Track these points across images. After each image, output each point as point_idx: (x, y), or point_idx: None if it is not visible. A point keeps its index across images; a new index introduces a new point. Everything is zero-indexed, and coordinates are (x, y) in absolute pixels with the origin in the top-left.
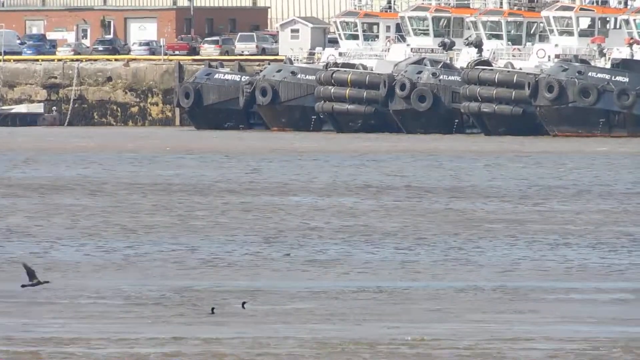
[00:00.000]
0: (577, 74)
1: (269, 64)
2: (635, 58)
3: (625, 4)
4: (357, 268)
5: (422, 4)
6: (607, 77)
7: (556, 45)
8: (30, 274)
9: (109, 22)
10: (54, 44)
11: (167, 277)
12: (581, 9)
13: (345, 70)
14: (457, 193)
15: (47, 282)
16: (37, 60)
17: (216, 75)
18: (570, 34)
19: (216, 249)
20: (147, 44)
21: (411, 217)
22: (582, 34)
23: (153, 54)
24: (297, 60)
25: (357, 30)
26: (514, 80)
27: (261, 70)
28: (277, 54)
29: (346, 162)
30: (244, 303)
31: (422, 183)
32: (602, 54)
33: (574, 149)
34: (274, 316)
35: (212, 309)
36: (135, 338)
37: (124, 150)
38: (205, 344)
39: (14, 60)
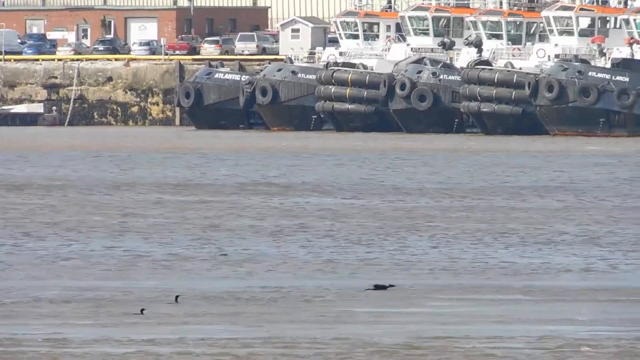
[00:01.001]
0: (577, 73)
1: (269, 63)
2: (635, 58)
3: (625, 3)
4: (272, 267)
5: (422, 3)
6: (607, 76)
7: (556, 45)
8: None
9: (109, 22)
10: (54, 44)
11: (92, 277)
12: (581, 9)
13: (345, 70)
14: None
15: (392, 285)
16: (37, 60)
17: (216, 75)
18: (570, 33)
19: (143, 247)
20: (148, 43)
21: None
22: (582, 33)
23: (153, 53)
24: (298, 59)
25: (357, 30)
26: (514, 80)
27: (261, 70)
28: (278, 54)
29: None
30: (177, 297)
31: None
32: (602, 53)
33: (563, 148)
34: (198, 317)
35: (142, 309)
36: (61, 339)
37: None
38: (135, 344)
39: (14, 60)
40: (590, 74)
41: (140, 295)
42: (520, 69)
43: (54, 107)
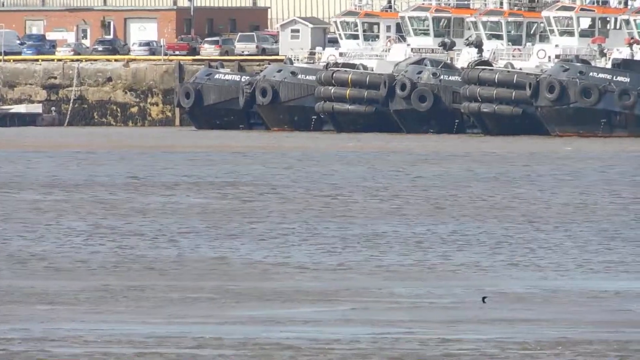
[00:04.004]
0: (578, 74)
1: (269, 64)
2: (635, 58)
3: (626, 4)
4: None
5: (423, 4)
6: (608, 77)
7: (556, 45)
8: None
9: (109, 23)
10: (53, 44)
11: None
12: (581, 9)
13: (345, 71)
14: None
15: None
16: (37, 60)
17: (216, 76)
18: (571, 34)
19: None
20: (147, 44)
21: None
22: (583, 34)
23: (153, 54)
24: (298, 60)
25: (357, 30)
26: (514, 81)
27: (261, 71)
28: (277, 54)
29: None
30: None
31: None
32: (602, 54)
33: (527, 149)
34: None
35: None
36: None
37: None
38: None
39: (14, 60)
40: (591, 74)
41: None
42: (521, 69)
43: (53, 108)
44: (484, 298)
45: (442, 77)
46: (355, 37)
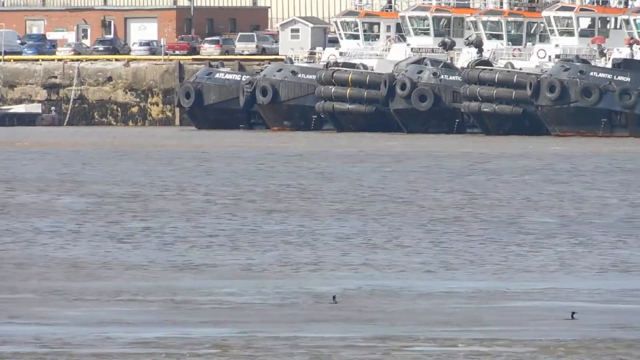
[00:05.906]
0: (579, 73)
1: (269, 63)
2: (636, 58)
3: (626, 4)
4: None
5: (423, 3)
6: (609, 77)
7: (556, 45)
8: None
9: (109, 22)
10: (54, 44)
11: None
12: (581, 9)
13: (345, 70)
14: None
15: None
16: (37, 60)
17: (217, 75)
18: (571, 34)
19: None
20: (148, 43)
21: None
22: (583, 34)
23: (153, 53)
24: (298, 60)
25: (357, 30)
26: (514, 80)
27: (261, 70)
28: (278, 54)
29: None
30: None
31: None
32: (602, 54)
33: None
34: None
35: None
36: None
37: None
38: None
39: (14, 60)
40: (591, 74)
41: None
42: (521, 69)
43: (53, 107)
44: (334, 297)
45: (442, 76)
46: (356, 37)
